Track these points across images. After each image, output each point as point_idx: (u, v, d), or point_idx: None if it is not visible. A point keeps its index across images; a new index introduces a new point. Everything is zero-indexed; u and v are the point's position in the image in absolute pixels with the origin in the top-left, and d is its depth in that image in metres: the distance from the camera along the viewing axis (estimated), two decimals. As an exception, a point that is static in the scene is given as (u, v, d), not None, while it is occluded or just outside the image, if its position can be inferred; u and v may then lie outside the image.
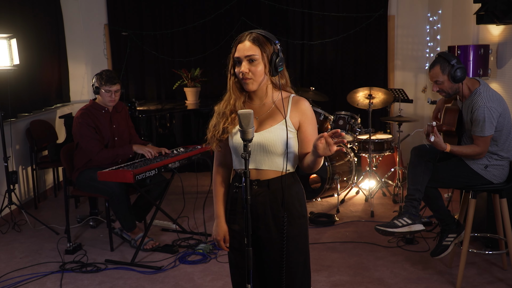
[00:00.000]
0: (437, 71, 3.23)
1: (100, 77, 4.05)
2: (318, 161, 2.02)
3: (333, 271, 3.61)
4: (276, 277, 2.13)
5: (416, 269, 3.61)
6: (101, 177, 3.64)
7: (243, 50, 2.02)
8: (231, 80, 2.10)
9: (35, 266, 3.82)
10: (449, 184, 3.44)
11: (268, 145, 2.04)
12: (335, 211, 4.89)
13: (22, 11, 5.23)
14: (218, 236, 2.19)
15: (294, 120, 2.08)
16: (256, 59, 2.01)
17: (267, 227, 2.10)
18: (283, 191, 2.07)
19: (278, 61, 2.02)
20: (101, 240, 4.31)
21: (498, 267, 3.60)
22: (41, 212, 5.10)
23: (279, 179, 2.08)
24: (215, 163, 2.25)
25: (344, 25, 6.23)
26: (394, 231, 3.29)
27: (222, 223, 2.19)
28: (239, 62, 2.03)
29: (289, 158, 2.07)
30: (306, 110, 2.09)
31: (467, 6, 4.71)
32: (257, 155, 2.06)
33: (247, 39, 2.02)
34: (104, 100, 4.08)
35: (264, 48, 2.01)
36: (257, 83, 2.05)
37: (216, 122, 2.13)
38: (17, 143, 5.15)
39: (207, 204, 4.58)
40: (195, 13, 6.38)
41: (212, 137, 2.13)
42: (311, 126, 2.10)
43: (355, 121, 5.26)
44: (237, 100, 2.08)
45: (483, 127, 3.10)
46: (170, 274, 3.64)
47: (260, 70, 2.02)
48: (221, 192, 2.21)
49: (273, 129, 2.05)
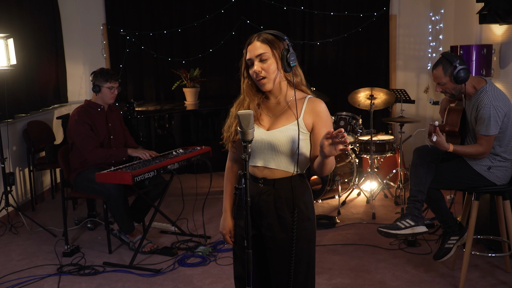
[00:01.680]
0: (440, 72, 3.23)
1: (101, 74, 4.10)
2: (327, 163, 2.00)
3: (334, 274, 3.59)
4: (278, 278, 2.14)
5: (418, 271, 3.60)
6: (99, 179, 3.63)
7: (253, 50, 2.05)
8: (244, 83, 2.13)
9: (32, 269, 3.80)
10: (452, 185, 3.43)
11: (277, 145, 2.05)
12: (336, 213, 4.87)
13: (19, 10, 5.22)
14: (224, 230, 2.26)
15: (308, 122, 2.08)
16: (267, 57, 2.04)
17: (270, 226, 2.11)
18: (292, 193, 2.08)
19: (289, 56, 2.04)
20: (99, 242, 4.29)
21: (501, 269, 3.58)
22: (38, 214, 5.09)
23: (286, 180, 2.09)
24: (228, 159, 2.30)
25: (345, 24, 6.22)
26: (397, 233, 3.29)
27: (228, 217, 2.25)
28: (251, 63, 2.07)
29: (298, 160, 2.07)
30: (321, 112, 2.08)
31: (470, 6, 4.71)
32: (266, 153, 2.08)
33: (255, 39, 2.07)
34: (105, 96, 4.12)
35: (274, 46, 2.05)
36: (272, 81, 2.07)
37: (230, 124, 2.17)
38: (14, 144, 5.14)
39: (207, 206, 4.59)
40: (194, 12, 6.37)
41: (226, 138, 2.18)
42: (324, 128, 2.08)
43: (357, 122, 5.26)
44: (251, 103, 2.11)
45: (488, 125, 3.08)
46: (169, 277, 3.63)
47: (273, 67, 2.05)
48: (231, 187, 2.27)
49: (284, 129, 2.06)
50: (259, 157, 2.09)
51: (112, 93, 4.12)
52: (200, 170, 5.88)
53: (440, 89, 3.28)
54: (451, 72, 3.18)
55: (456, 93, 3.26)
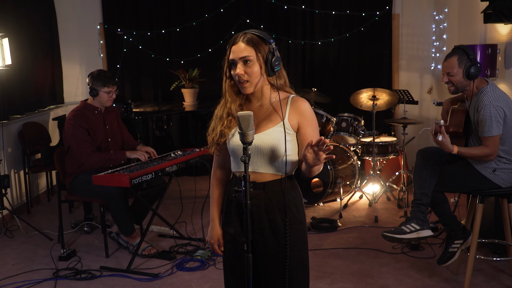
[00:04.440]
0: (454, 62, 3.19)
1: (99, 78, 4.06)
2: (313, 169, 1.99)
3: (335, 278, 3.58)
4: (272, 284, 2.12)
5: (421, 276, 3.58)
6: (96, 181, 3.64)
7: (238, 51, 2.02)
8: (226, 82, 2.11)
9: (28, 273, 3.78)
10: (456, 188, 3.42)
11: (265, 148, 2.04)
12: (338, 216, 4.86)
13: (14, 9, 5.20)
14: (212, 239, 2.23)
15: (293, 122, 2.07)
16: (251, 60, 2.01)
17: (262, 231, 2.10)
18: (283, 195, 2.07)
19: (274, 60, 2.01)
20: (96, 246, 4.28)
21: (506, 274, 3.57)
22: (34, 217, 5.07)
23: (275, 183, 2.08)
24: (213, 165, 2.27)
25: (347, 24, 6.21)
26: (402, 237, 3.29)
27: (216, 226, 2.22)
28: (234, 64, 2.04)
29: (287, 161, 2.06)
30: (305, 111, 2.07)
31: (474, 5, 4.70)
32: (254, 157, 2.06)
33: (240, 40, 2.04)
34: (102, 100, 4.10)
35: (259, 48, 2.01)
36: (253, 85, 2.04)
37: (214, 125, 2.16)
38: (9, 146, 5.11)
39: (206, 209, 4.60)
40: (193, 11, 6.36)
41: (211, 141, 2.15)
42: (310, 127, 2.08)
43: (359, 123, 5.24)
44: (233, 103, 2.09)
45: (490, 126, 3.07)
46: (167, 281, 3.61)
47: (256, 71, 2.02)
48: (217, 194, 2.24)
49: (270, 131, 2.04)
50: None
51: (110, 97, 4.10)
52: (199, 172, 5.88)
53: (446, 80, 3.24)
54: (465, 64, 3.16)
55: (460, 88, 3.24)
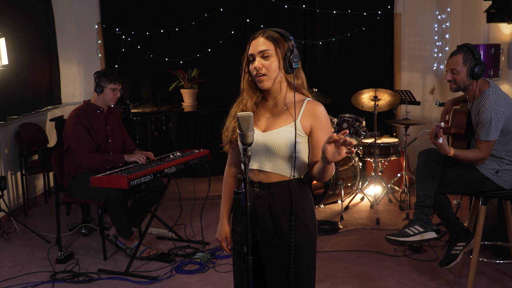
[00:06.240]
0: (459, 59, 3.18)
1: (106, 75, 4.10)
2: (328, 169, 1.96)
3: (336, 281, 3.56)
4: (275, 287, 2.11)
5: (423, 279, 3.56)
6: (94, 183, 3.63)
7: (257, 46, 2.03)
8: (245, 78, 2.11)
9: (25, 276, 3.77)
10: (458, 190, 3.44)
11: (272, 147, 2.02)
12: (339, 218, 4.84)
13: (11, 9, 5.18)
14: (220, 237, 2.25)
15: (305, 124, 2.04)
16: (269, 54, 2.01)
17: (266, 233, 2.08)
18: (291, 197, 2.04)
19: (293, 57, 2.01)
20: (94, 249, 4.27)
21: (510, 276, 3.55)
22: (31, 220, 5.06)
23: (282, 184, 2.06)
24: (227, 162, 2.28)
25: (349, 23, 6.20)
26: (406, 240, 3.28)
27: (225, 224, 2.24)
28: (253, 59, 2.05)
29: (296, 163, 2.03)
30: (320, 115, 2.05)
31: (477, 4, 4.69)
32: (261, 155, 2.05)
33: (260, 35, 2.05)
34: (107, 98, 4.12)
35: (278, 44, 2.02)
36: (271, 80, 2.04)
37: (228, 123, 2.15)
38: (6, 147, 5.10)
39: (205, 211, 4.56)
40: (192, 11, 6.34)
41: (225, 139, 2.16)
42: (324, 132, 2.05)
43: (360, 124, 5.23)
44: (249, 100, 2.09)
45: (489, 131, 3.07)
46: (166, 284, 3.60)
47: (274, 66, 2.02)
48: (228, 192, 2.24)
49: (280, 131, 2.03)
50: (254, 159, 2.06)
51: (115, 95, 4.12)
52: (198, 174, 5.83)
53: (450, 77, 3.22)
54: (470, 63, 3.15)
55: (462, 87, 3.22)
